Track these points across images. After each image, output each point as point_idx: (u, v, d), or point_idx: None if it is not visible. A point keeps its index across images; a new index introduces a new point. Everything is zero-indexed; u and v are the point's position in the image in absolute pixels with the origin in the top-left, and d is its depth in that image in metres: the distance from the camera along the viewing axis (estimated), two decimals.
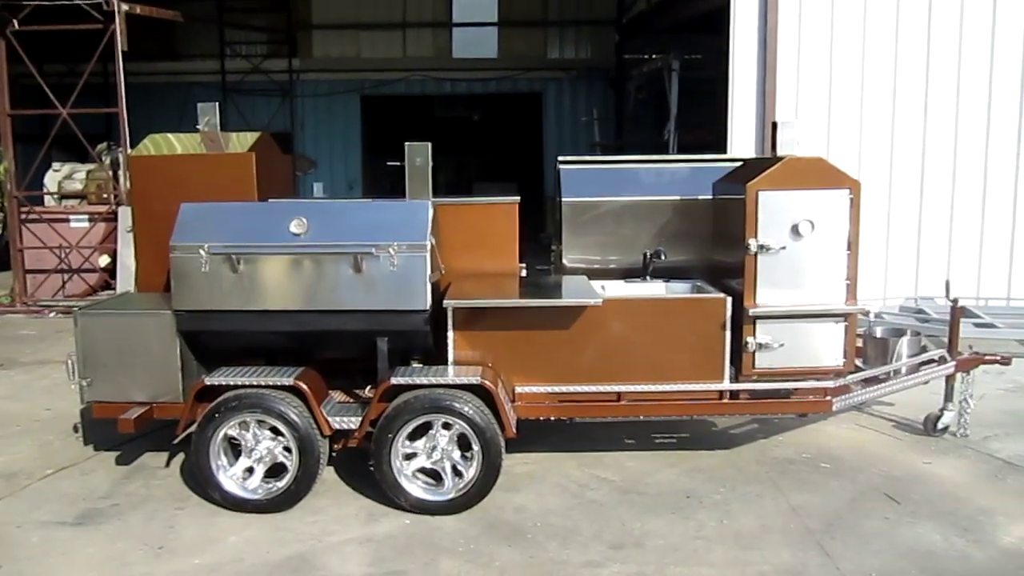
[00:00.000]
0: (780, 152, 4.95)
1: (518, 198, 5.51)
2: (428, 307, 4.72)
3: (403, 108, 16.58)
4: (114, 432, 4.88)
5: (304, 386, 4.59)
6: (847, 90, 8.67)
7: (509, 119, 16.63)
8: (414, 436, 4.63)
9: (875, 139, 8.71)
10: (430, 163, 5.07)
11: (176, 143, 5.76)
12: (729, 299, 4.85)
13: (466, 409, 4.54)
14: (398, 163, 5.13)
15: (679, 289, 5.41)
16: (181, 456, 5.41)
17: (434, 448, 4.63)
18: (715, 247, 5.43)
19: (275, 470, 4.70)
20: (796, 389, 4.96)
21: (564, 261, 5.77)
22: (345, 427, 4.66)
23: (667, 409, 4.96)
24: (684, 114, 12.45)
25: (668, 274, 5.59)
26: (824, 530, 4.43)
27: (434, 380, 4.60)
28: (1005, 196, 8.69)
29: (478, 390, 4.61)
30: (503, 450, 4.62)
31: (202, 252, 4.69)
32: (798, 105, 8.65)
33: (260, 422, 4.62)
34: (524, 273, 5.52)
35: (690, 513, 4.64)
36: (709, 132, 10.73)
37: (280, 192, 5.77)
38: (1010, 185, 8.67)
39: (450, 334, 4.85)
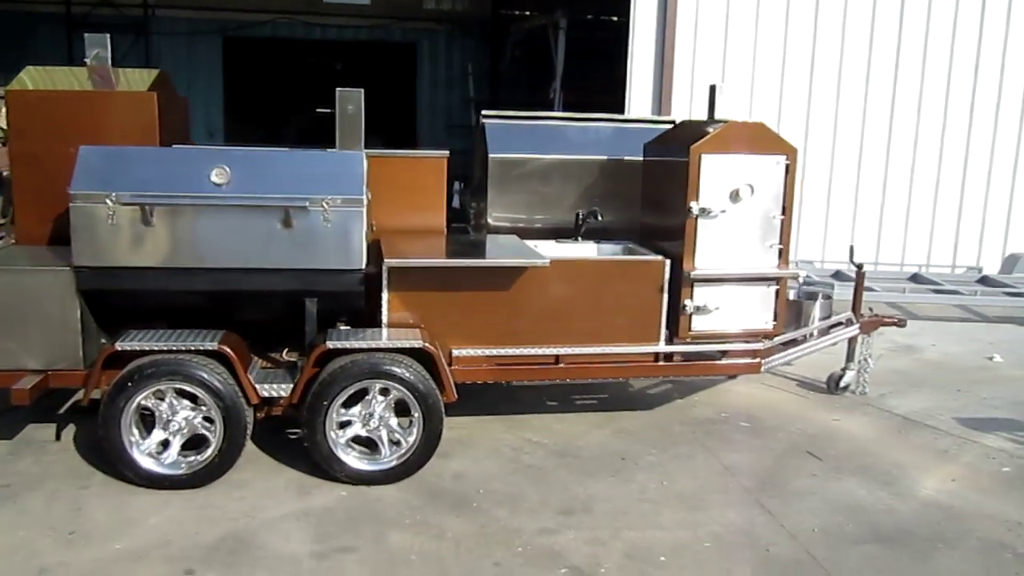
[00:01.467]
0: (717, 116, 4.96)
1: (446, 152, 5.26)
2: (364, 266, 4.43)
3: (269, 53, 15.63)
4: None
5: (229, 351, 4.21)
6: (741, 55, 8.87)
7: (382, 70, 16.01)
8: (348, 403, 4.36)
9: (768, 101, 8.98)
10: (363, 111, 4.72)
11: (58, 78, 5.11)
12: (668, 262, 4.84)
13: (406, 374, 4.31)
14: (328, 110, 4.74)
15: (611, 251, 5.36)
16: (73, 427, 4.87)
17: (370, 416, 4.38)
18: (647, 209, 5.40)
19: (191, 442, 4.30)
20: (728, 352, 5.03)
21: (488, 219, 5.59)
22: (274, 395, 4.33)
23: (604, 372, 4.93)
24: (567, 74, 12.40)
25: (595, 235, 5.52)
26: (760, 489, 4.55)
27: (372, 344, 4.33)
28: (903, 170, 9.22)
29: (418, 354, 4.39)
30: (443, 416, 4.43)
31: (109, 202, 4.17)
32: (694, 70, 8.77)
33: (178, 391, 4.20)
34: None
35: (629, 476, 4.64)
36: (593, 93, 10.74)
37: (179, 138, 5.24)
38: (908, 159, 9.19)
39: (384, 295, 4.57)
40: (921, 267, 9.25)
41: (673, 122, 5.96)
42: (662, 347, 4.92)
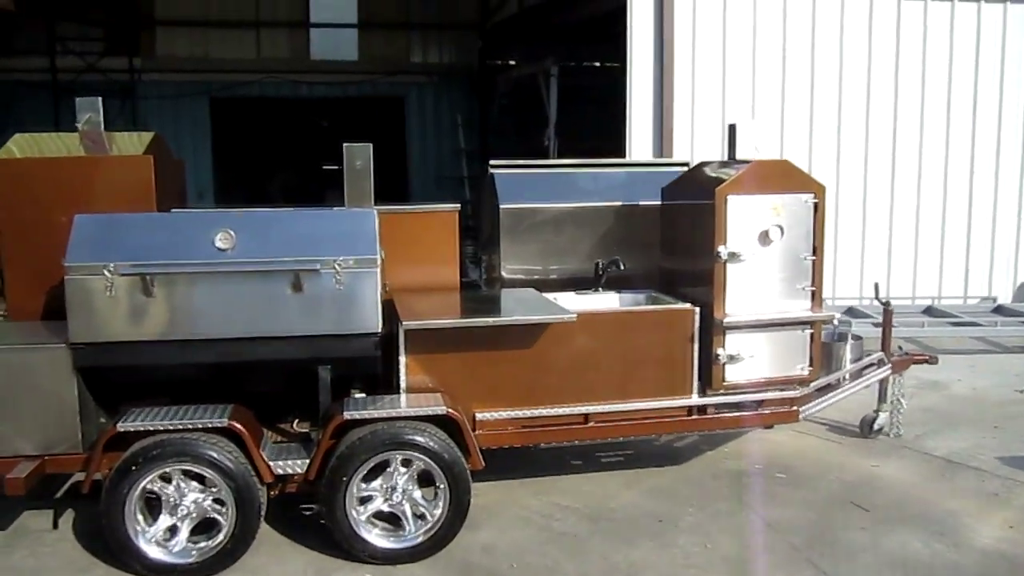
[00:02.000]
0: (740, 155, 4.78)
1: (458, 206, 5.05)
2: (380, 329, 4.18)
3: (257, 112, 15.53)
4: None
5: (240, 427, 3.93)
6: (740, 92, 8.77)
7: (370, 125, 15.93)
8: (369, 477, 4.07)
9: (771, 139, 8.85)
10: (371, 166, 4.51)
11: (46, 144, 4.89)
12: (697, 310, 4.61)
13: (431, 443, 4.03)
14: (335, 166, 4.54)
15: (634, 300, 5.13)
16: (71, 514, 4.54)
17: (393, 489, 4.09)
18: (668, 255, 5.18)
19: (200, 527, 3.99)
20: (763, 401, 4.78)
21: (502, 272, 5.35)
22: (289, 472, 4.03)
23: (635, 429, 4.65)
24: (559, 121, 12.33)
25: (612, 285, 5.29)
26: (809, 546, 4.26)
27: (393, 412, 4.06)
28: (910, 202, 9.08)
29: (442, 421, 4.12)
30: (471, 485, 4.14)
31: (107, 273, 3.92)
32: (694, 110, 8.67)
33: (185, 472, 3.91)
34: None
35: (670, 540, 4.35)
36: (586, 138, 10.63)
37: (176, 202, 5.01)
38: (913, 190, 9.07)
39: (402, 358, 4.31)
40: (934, 299, 9.06)
41: (686, 164, 5.80)
42: (695, 399, 4.67)
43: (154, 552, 3.88)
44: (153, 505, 3.96)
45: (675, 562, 4.12)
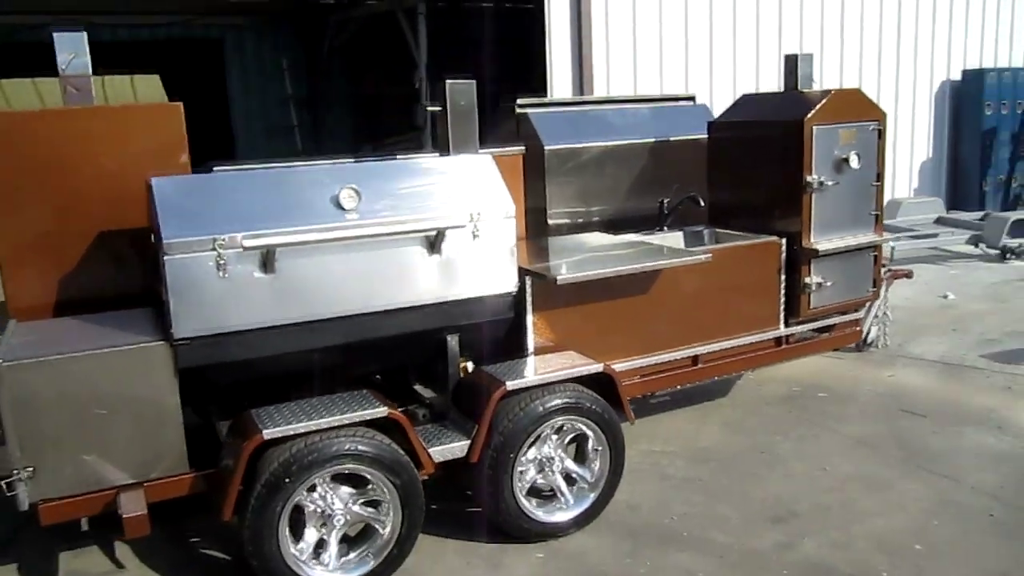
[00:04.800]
0: (801, 86, 4.79)
1: (523, 148, 4.65)
2: (516, 288, 3.77)
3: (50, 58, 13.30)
4: None
5: (400, 416, 3.39)
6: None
7: (186, 72, 14.25)
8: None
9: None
10: (475, 106, 3.99)
11: (13, 94, 3.86)
12: (783, 241, 4.62)
13: (595, 405, 3.74)
14: (437, 107, 3.97)
15: (698, 237, 5.04)
16: (126, 549, 3.74)
17: (549, 459, 3.75)
18: (724, 188, 5.07)
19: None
20: (834, 325, 4.93)
21: (547, 218, 5.03)
22: (448, 457, 3.56)
23: (736, 365, 4.63)
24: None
25: (639, 223, 5.16)
26: (910, 457, 4.49)
27: (552, 377, 3.70)
28: None
29: (597, 379, 3.81)
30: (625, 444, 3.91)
31: (219, 248, 3.17)
32: (608, 45, 8.61)
33: (334, 476, 3.32)
34: None
35: (787, 470, 4.39)
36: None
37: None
38: None
39: (529, 318, 3.93)
40: None
41: (691, 98, 5.76)
42: (782, 330, 4.71)
43: (323, 574, 3.28)
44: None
45: (813, 489, 4.17)
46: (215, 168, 3.85)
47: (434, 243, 3.52)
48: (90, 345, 3.16)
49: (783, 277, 4.65)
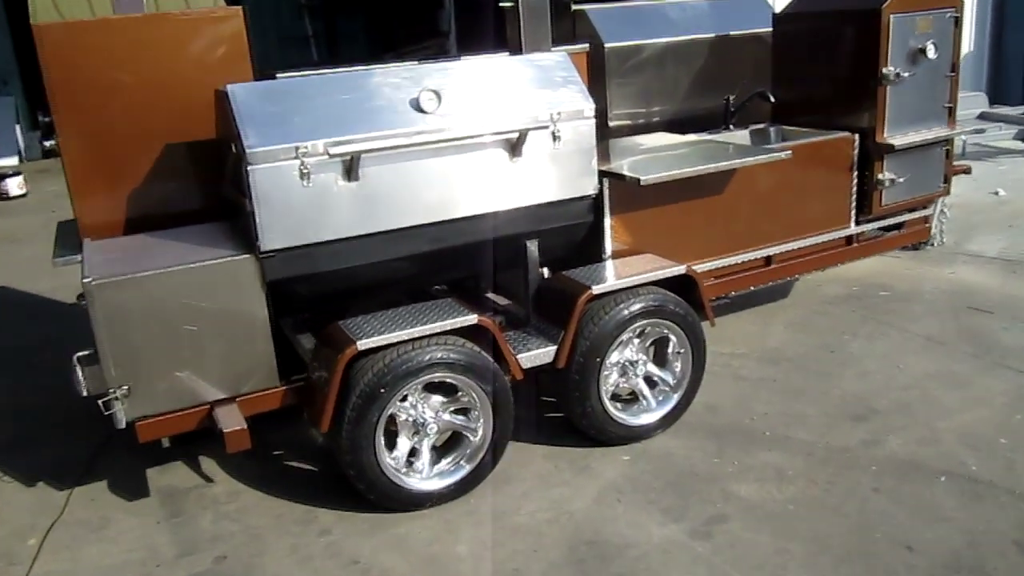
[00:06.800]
0: None
1: (586, 46, 4.48)
2: (596, 190, 3.67)
3: None
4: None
5: (489, 323, 3.35)
6: None
7: None
8: None
9: None
10: (549, 1, 3.81)
11: (63, 1, 3.68)
12: (856, 136, 4.48)
13: (679, 308, 3.68)
14: (508, 2, 3.78)
15: (765, 135, 4.89)
16: (211, 463, 3.77)
17: (632, 363, 3.72)
18: (791, 84, 4.88)
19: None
20: (904, 222, 4.83)
21: (608, 120, 4.88)
22: (537, 364, 3.53)
23: (808, 265, 4.56)
24: None
25: (701, 123, 5.00)
26: (986, 352, 4.45)
27: (637, 279, 3.63)
28: None
29: (678, 281, 3.75)
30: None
31: (303, 158, 3.07)
32: None
33: (426, 386, 3.30)
34: None
35: (862, 368, 4.36)
36: None
37: None
38: None
39: (607, 221, 3.85)
40: None
41: None
42: (853, 228, 4.61)
43: (417, 483, 3.29)
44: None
45: (891, 386, 4.15)
46: (278, 76, 3.71)
47: (515, 146, 3.41)
48: (177, 260, 3.10)
49: (855, 174, 4.52)
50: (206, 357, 3.15)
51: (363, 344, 3.12)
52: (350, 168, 3.14)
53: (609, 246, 3.88)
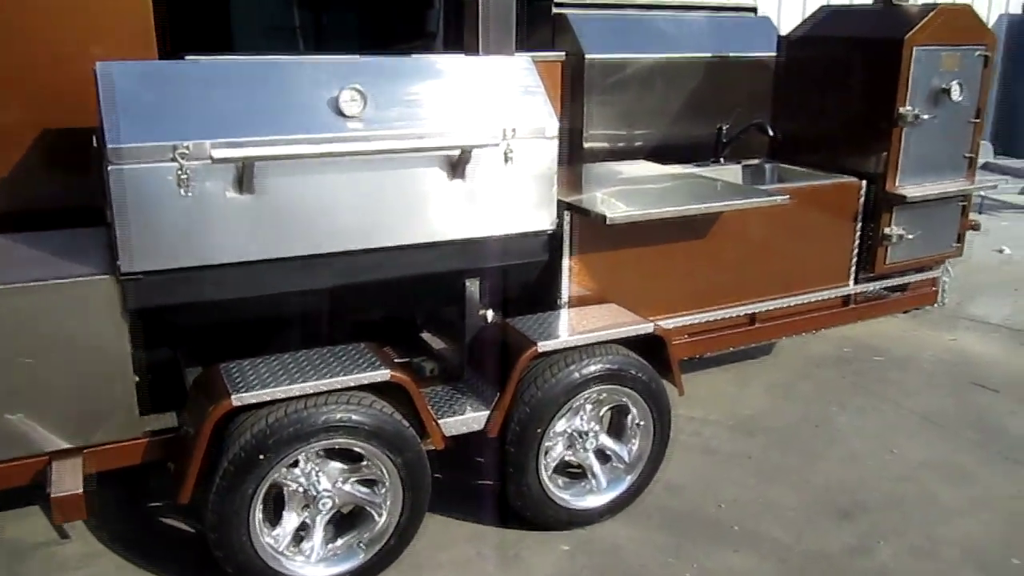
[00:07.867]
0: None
1: (562, 54, 3.89)
2: (554, 225, 3.07)
3: None
4: None
5: (405, 379, 2.73)
6: None
7: None
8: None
9: None
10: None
11: None
12: (863, 183, 3.91)
13: (642, 373, 3.08)
14: None
15: (759, 173, 4.31)
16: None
17: (581, 434, 3.12)
18: (795, 117, 4.30)
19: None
20: (910, 284, 4.26)
21: (583, 141, 4.29)
22: (463, 431, 2.91)
23: (798, 326, 3.97)
24: None
25: (689, 152, 4.41)
26: (989, 440, 3.88)
27: (595, 337, 3.03)
28: None
29: (644, 340, 3.14)
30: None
31: (180, 159, 2.45)
32: None
33: (321, 452, 2.68)
34: None
35: (848, 450, 3.79)
36: None
37: None
38: None
39: (566, 262, 3.24)
40: None
41: (752, 9, 4.94)
42: (851, 287, 4.04)
43: (302, 568, 2.67)
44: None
45: (881, 478, 3.57)
46: (186, 57, 3.09)
47: (457, 165, 2.80)
48: (16, 276, 2.47)
49: (859, 225, 3.95)
50: (45, 397, 2.52)
51: (239, 399, 2.49)
52: (242, 178, 2.52)
53: (567, 292, 3.27)
